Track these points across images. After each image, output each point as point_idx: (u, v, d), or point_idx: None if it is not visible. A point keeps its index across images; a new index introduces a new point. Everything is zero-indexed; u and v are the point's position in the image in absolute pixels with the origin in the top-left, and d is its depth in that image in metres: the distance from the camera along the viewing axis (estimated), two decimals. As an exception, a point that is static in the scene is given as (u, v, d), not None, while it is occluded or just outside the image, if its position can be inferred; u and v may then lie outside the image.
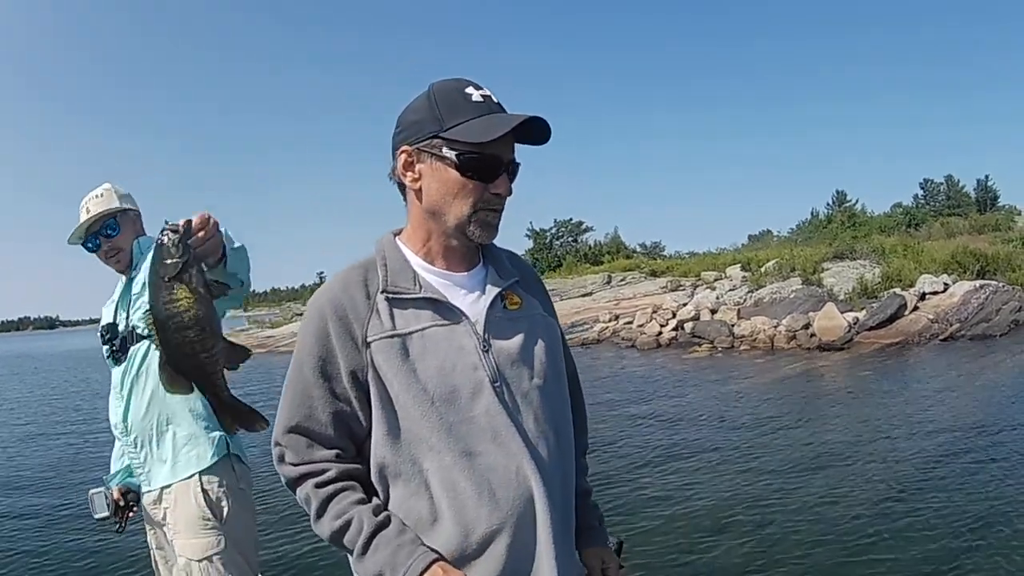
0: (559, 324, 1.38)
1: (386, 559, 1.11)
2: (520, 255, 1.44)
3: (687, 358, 14.86)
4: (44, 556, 5.11)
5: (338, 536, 1.16)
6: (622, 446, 7.25)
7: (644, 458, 6.77)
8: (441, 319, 1.20)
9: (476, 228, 1.20)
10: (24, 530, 5.85)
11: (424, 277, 1.24)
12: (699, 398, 9.94)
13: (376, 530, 1.14)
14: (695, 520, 4.89)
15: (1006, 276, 17.31)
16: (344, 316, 1.19)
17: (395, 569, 1.10)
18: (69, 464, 8.38)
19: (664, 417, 8.73)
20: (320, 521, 1.18)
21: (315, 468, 1.19)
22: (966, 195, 48.53)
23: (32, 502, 6.71)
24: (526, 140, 1.22)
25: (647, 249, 44.67)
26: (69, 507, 6.25)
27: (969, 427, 7.02)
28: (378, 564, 1.11)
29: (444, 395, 1.16)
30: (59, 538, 5.51)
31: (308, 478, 1.19)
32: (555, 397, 1.26)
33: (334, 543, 1.18)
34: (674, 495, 5.53)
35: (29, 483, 7.59)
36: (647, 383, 11.80)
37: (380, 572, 1.11)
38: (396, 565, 1.10)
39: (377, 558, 1.12)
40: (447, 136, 1.16)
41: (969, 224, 31.15)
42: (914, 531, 4.43)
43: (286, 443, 1.22)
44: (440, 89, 1.20)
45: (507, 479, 1.15)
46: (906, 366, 11.92)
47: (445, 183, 1.18)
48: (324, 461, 1.19)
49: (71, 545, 5.27)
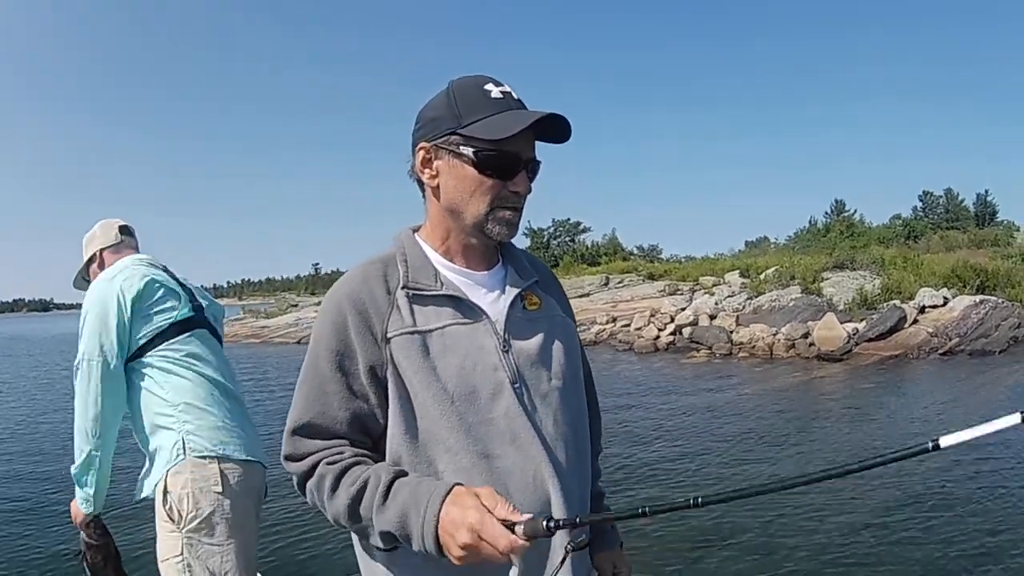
0: (575, 325, 1.36)
1: (406, 498, 1.04)
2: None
3: (685, 363, 14.79)
4: (33, 547, 5.01)
5: (356, 501, 1.08)
6: (620, 450, 7.18)
7: (641, 463, 6.70)
8: (462, 317, 1.18)
9: (495, 226, 1.18)
10: (10, 519, 5.74)
11: (445, 274, 1.21)
12: (697, 404, 9.86)
13: (395, 478, 1.08)
14: (692, 530, 4.83)
15: (1006, 292, 17.28)
16: (364, 310, 1.15)
17: (417, 504, 1.02)
18: (60, 449, 8.25)
19: (662, 422, 8.67)
20: (335, 494, 1.10)
21: (328, 452, 1.13)
22: (965, 209, 48.72)
23: (18, 491, 6.60)
24: (546, 138, 1.19)
25: (644, 252, 44.71)
26: (56, 494, 6.15)
27: (971, 445, 6.94)
28: (399, 506, 1.04)
29: (464, 395, 1.13)
30: (47, 526, 5.41)
31: (320, 461, 1.13)
32: (573, 399, 1.24)
33: (351, 515, 1.09)
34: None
35: (14, 471, 7.48)
36: (645, 387, 11.72)
37: (403, 513, 1.03)
38: (418, 499, 1.02)
39: (398, 501, 1.04)
40: (465, 133, 1.14)
41: (968, 238, 31.24)
42: (914, 546, 4.38)
43: (297, 439, 1.16)
44: (460, 86, 1.18)
45: (524, 483, 1.12)
46: (906, 379, 11.84)
47: (463, 180, 1.16)
48: (338, 445, 1.14)
49: (56, 534, 5.16)
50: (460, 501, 0.99)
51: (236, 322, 32.41)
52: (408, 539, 1.04)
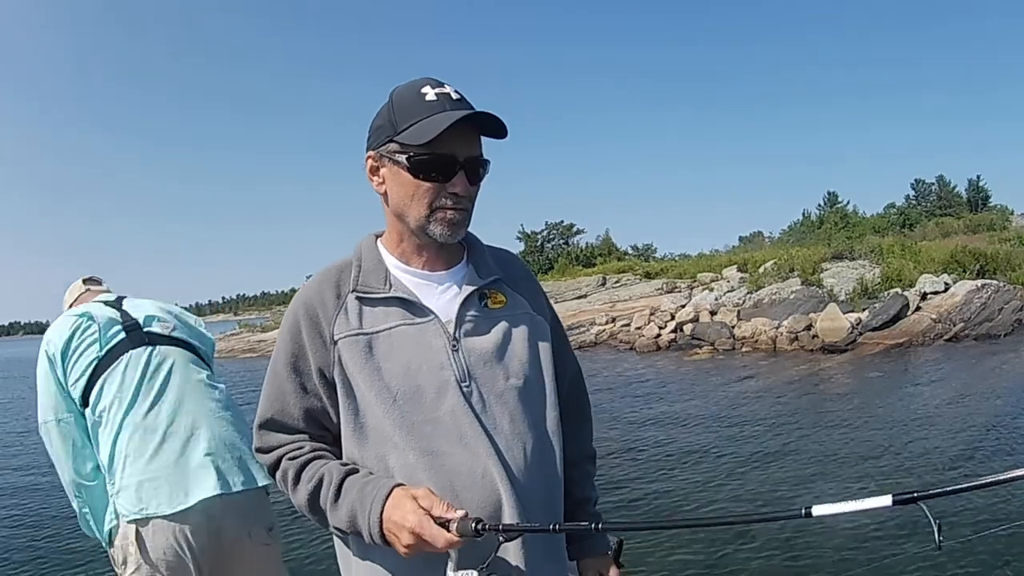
0: (559, 323, 1.38)
1: (354, 498, 1.11)
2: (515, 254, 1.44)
3: (688, 360, 14.62)
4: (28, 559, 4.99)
5: (314, 497, 1.16)
6: (627, 451, 7.04)
7: (649, 463, 6.57)
8: (412, 318, 1.20)
9: (436, 227, 1.18)
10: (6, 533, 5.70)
11: (397, 277, 1.24)
12: (704, 401, 9.71)
13: (344, 476, 1.15)
14: (700, 528, 4.76)
15: (1006, 275, 17.19)
16: (314, 315, 1.21)
17: (363, 503, 1.10)
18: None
19: (669, 421, 8.54)
20: (297, 489, 1.18)
21: (290, 447, 1.22)
22: (958, 195, 48.73)
23: (14, 505, 6.46)
24: (490, 134, 1.19)
25: (639, 251, 44.57)
26: (50, 510, 6.08)
27: (986, 431, 6.84)
28: (349, 505, 1.12)
29: (408, 394, 1.15)
30: (42, 538, 5.43)
31: (283, 456, 1.21)
32: (536, 397, 1.23)
33: (312, 508, 1.17)
34: (680, 502, 5.39)
35: (11, 485, 7.44)
36: (649, 386, 11.56)
37: (352, 512, 1.11)
38: (364, 499, 1.10)
39: (347, 500, 1.12)
40: (398, 140, 1.16)
41: (963, 224, 31.21)
42: (930, 538, 4.19)
43: (263, 433, 1.25)
44: (398, 92, 1.20)
45: (472, 481, 1.13)
46: (913, 368, 11.69)
47: (403, 186, 1.18)
48: (299, 440, 1.22)
49: (50, 548, 5.06)
50: (399, 504, 1.06)
51: (232, 337, 32.21)
52: (360, 535, 1.12)
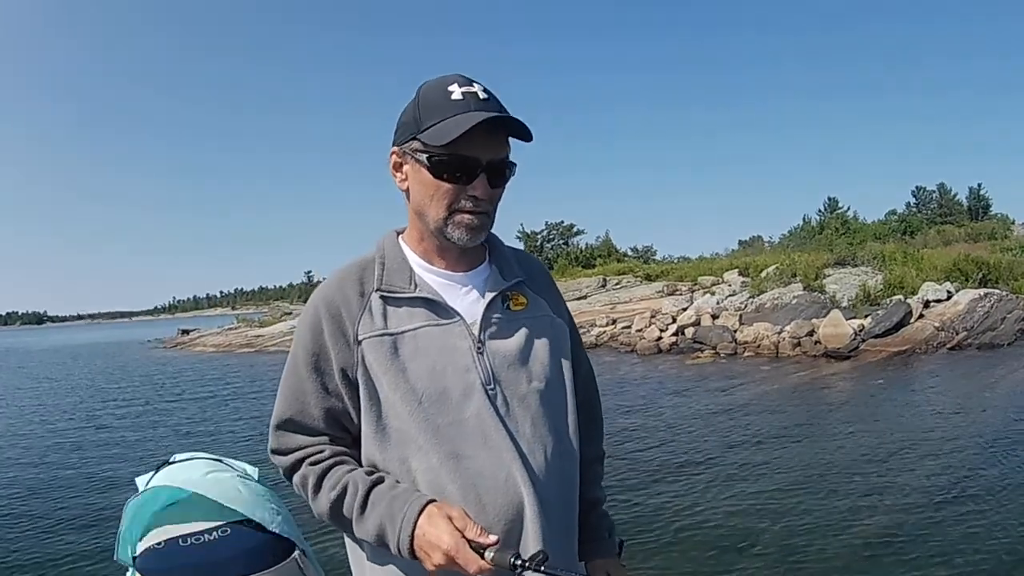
0: (574, 324, 1.36)
1: (383, 512, 1.09)
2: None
3: (690, 364, 14.56)
4: (26, 554, 4.94)
5: (337, 506, 1.13)
6: (628, 454, 7.00)
7: (651, 468, 6.52)
8: (436, 319, 1.19)
9: (454, 230, 1.16)
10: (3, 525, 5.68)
11: (422, 276, 1.22)
12: (706, 406, 9.65)
13: (371, 487, 1.12)
14: (702, 534, 4.69)
15: (1009, 285, 17.16)
16: (337, 313, 1.19)
17: (393, 519, 1.07)
18: (51, 457, 8.05)
19: (670, 425, 8.48)
20: (318, 496, 1.16)
21: (310, 450, 1.19)
22: (959, 203, 48.76)
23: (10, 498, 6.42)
24: (517, 136, 1.16)
25: (638, 253, 44.53)
26: (48, 502, 6.07)
27: (990, 441, 6.79)
28: (377, 518, 1.09)
29: (433, 396, 1.14)
30: (40, 530, 5.41)
31: (303, 460, 1.18)
32: (556, 401, 1.23)
33: (334, 517, 1.15)
34: (681, 508, 5.35)
35: (8, 478, 7.35)
36: (651, 390, 11.51)
37: (380, 525, 1.09)
38: (393, 514, 1.08)
39: (375, 513, 1.10)
40: (421, 138, 1.13)
41: (964, 232, 31.22)
42: (936, 550, 4.21)
43: (280, 434, 1.22)
44: (425, 88, 1.17)
45: (495, 484, 1.12)
46: (917, 376, 11.64)
47: (423, 185, 1.16)
48: (319, 444, 1.19)
49: (49, 541, 5.07)
50: (434, 522, 1.03)
51: (230, 332, 32.11)
52: (387, 548, 1.09)
